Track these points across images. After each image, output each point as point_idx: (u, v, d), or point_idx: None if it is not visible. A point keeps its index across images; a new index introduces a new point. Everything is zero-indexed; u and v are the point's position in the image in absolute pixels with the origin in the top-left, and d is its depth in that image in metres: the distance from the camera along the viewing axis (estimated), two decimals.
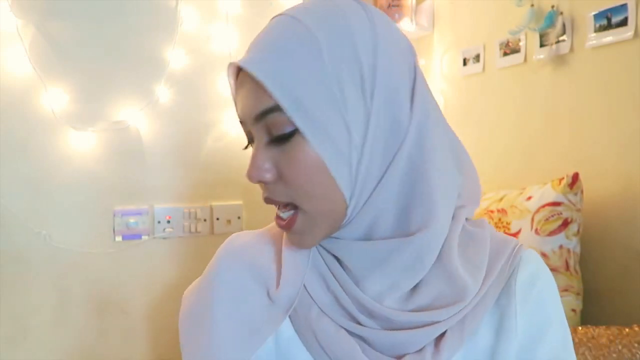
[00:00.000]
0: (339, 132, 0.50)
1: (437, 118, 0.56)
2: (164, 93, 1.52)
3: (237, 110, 0.55)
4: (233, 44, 1.59)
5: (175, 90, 1.53)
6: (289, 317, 0.57)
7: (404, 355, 0.51)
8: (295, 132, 0.50)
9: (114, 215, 1.47)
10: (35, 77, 1.36)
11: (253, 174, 0.52)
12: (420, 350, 0.52)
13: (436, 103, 0.57)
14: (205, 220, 1.59)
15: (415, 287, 0.55)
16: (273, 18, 0.55)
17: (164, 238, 1.54)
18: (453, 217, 0.56)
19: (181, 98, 1.54)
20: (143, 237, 1.51)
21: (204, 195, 1.59)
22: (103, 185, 1.46)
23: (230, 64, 0.54)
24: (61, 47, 1.41)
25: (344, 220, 0.53)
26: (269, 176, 0.52)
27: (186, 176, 1.57)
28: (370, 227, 0.53)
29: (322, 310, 0.55)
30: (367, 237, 0.54)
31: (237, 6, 1.59)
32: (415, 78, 0.54)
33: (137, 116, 1.49)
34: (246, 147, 0.57)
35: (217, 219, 1.60)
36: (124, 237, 1.49)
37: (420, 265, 0.52)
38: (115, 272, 1.48)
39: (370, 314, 0.53)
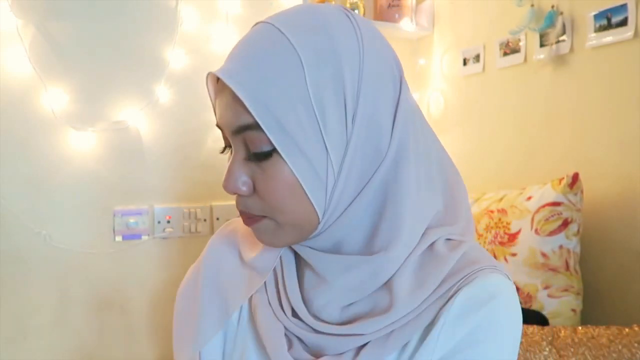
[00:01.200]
0: (318, 154, 0.49)
1: (421, 136, 0.55)
2: (164, 93, 1.52)
3: (215, 115, 0.55)
4: (233, 44, 1.59)
5: (175, 90, 1.53)
6: (248, 303, 0.61)
7: (322, 355, 0.53)
8: (272, 151, 0.49)
9: (114, 215, 1.47)
10: (35, 77, 1.36)
11: (230, 186, 0.53)
12: (340, 354, 0.53)
13: (421, 117, 0.57)
14: (205, 220, 1.59)
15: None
16: (257, 24, 0.54)
17: (164, 238, 1.54)
18: (422, 236, 0.55)
19: (181, 98, 1.54)
20: (143, 237, 1.51)
21: (204, 195, 1.59)
22: (103, 185, 1.46)
23: (209, 74, 0.54)
24: (61, 47, 1.41)
25: (314, 234, 0.54)
26: (245, 189, 0.53)
27: (186, 176, 1.57)
28: (339, 242, 0.54)
29: (269, 303, 0.58)
30: (335, 251, 0.55)
31: (237, 6, 1.59)
32: (399, 96, 0.54)
33: (137, 116, 1.49)
34: (222, 151, 0.57)
35: (217, 219, 1.60)
36: (124, 237, 1.49)
37: (373, 282, 0.53)
38: (115, 272, 1.48)
39: (301, 317, 0.55)
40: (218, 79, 0.53)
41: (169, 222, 1.54)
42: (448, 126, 1.83)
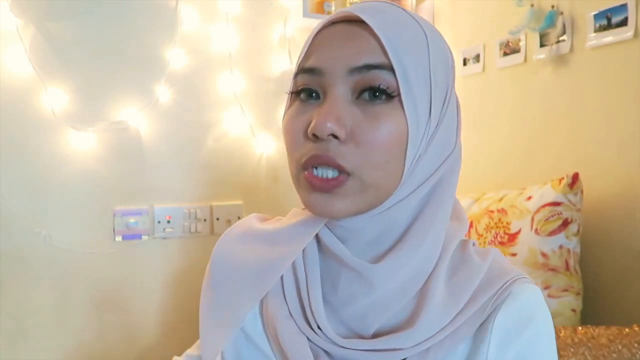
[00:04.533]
0: (424, 117, 0.51)
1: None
2: (164, 93, 1.52)
3: (308, 62, 0.51)
4: (233, 44, 1.59)
5: (175, 90, 1.53)
6: (260, 311, 0.58)
7: None
8: (393, 97, 0.49)
9: (114, 215, 1.47)
10: (35, 77, 1.36)
11: (328, 125, 0.47)
12: None
13: None
14: (205, 220, 1.59)
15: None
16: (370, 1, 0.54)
17: (164, 238, 1.54)
18: (444, 243, 0.55)
19: (181, 98, 1.54)
20: (143, 237, 1.51)
21: (204, 195, 1.59)
22: (103, 185, 1.46)
23: (341, 12, 0.51)
24: (61, 47, 1.41)
25: (380, 207, 0.52)
26: (343, 132, 0.48)
27: (186, 176, 1.57)
28: (383, 232, 0.53)
29: (290, 314, 0.55)
30: (374, 246, 0.53)
31: (237, 6, 1.59)
32: (457, 110, 0.58)
33: (137, 116, 1.49)
34: (294, 93, 0.53)
35: (217, 219, 1.60)
36: (124, 237, 1.49)
37: (410, 287, 0.52)
38: (115, 272, 1.48)
39: (324, 333, 0.53)
40: (326, 25, 0.52)
41: (169, 222, 1.54)
42: None
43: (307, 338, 0.53)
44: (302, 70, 0.52)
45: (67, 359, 1.43)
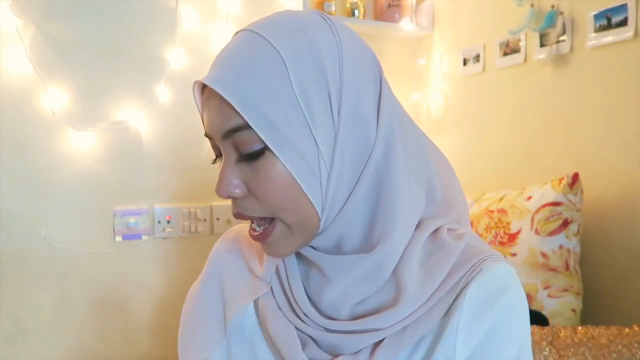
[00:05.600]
0: (309, 148, 0.51)
1: (406, 129, 0.57)
2: (164, 93, 1.52)
3: (204, 125, 0.56)
4: None
5: (175, 90, 1.53)
6: (254, 308, 0.62)
7: (339, 355, 0.53)
8: (264, 149, 0.50)
9: (114, 215, 1.47)
10: (35, 77, 1.36)
11: (222, 190, 0.53)
12: (357, 352, 0.53)
13: (404, 112, 0.58)
14: (205, 220, 1.59)
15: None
16: (237, 33, 0.56)
17: (164, 238, 1.54)
18: (417, 227, 0.56)
19: (181, 98, 1.54)
20: (143, 237, 1.51)
21: (204, 195, 1.59)
22: (103, 185, 1.46)
23: (196, 82, 0.55)
24: (61, 47, 1.41)
25: (318, 231, 0.55)
26: (238, 192, 0.53)
27: (186, 176, 1.57)
28: (340, 239, 0.55)
29: (278, 306, 0.59)
30: (337, 249, 0.56)
31: (237, 6, 1.59)
32: (380, 91, 0.55)
33: (137, 116, 1.49)
34: (214, 162, 0.59)
35: (217, 219, 1.60)
36: (124, 237, 1.49)
37: (379, 277, 0.53)
38: (115, 272, 1.48)
39: (311, 318, 0.56)
40: (204, 88, 0.54)
41: (169, 222, 1.54)
42: (448, 126, 1.83)
43: (295, 327, 0.57)
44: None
45: (67, 359, 1.43)
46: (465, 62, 1.76)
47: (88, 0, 1.42)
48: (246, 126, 0.50)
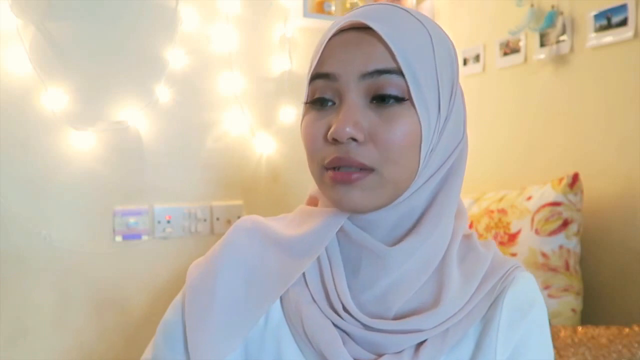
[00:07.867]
0: (434, 114, 0.54)
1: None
2: (164, 93, 1.52)
3: (323, 68, 0.54)
4: (233, 44, 1.59)
5: (175, 90, 1.53)
6: (280, 300, 0.58)
7: (382, 354, 0.53)
8: (404, 100, 0.52)
9: (114, 215, 1.47)
10: (35, 77, 1.36)
11: (344, 131, 0.50)
12: (400, 352, 0.53)
13: None
14: (205, 220, 1.59)
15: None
16: (375, 3, 0.58)
17: (164, 238, 1.54)
18: (453, 231, 0.59)
19: (181, 98, 1.54)
20: (143, 237, 1.51)
21: (204, 195, 1.59)
22: (103, 185, 1.46)
23: (349, 19, 0.54)
24: (61, 47, 1.41)
25: (397, 200, 0.55)
26: (361, 135, 0.51)
27: (186, 176, 1.57)
28: (400, 221, 0.56)
29: (313, 299, 0.57)
30: (389, 234, 0.56)
31: (237, 6, 1.59)
32: (463, 102, 0.61)
33: (137, 116, 1.49)
34: (312, 103, 0.56)
35: (217, 219, 1.60)
36: (124, 237, 1.49)
37: (428, 268, 0.55)
38: (115, 272, 1.48)
39: (352, 315, 0.55)
40: (336, 33, 0.54)
41: (169, 222, 1.54)
42: None
43: (331, 322, 0.55)
44: (318, 75, 0.55)
45: (67, 359, 1.42)
46: (465, 62, 1.76)
47: (88, 0, 1.42)
48: (396, 71, 0.52)
